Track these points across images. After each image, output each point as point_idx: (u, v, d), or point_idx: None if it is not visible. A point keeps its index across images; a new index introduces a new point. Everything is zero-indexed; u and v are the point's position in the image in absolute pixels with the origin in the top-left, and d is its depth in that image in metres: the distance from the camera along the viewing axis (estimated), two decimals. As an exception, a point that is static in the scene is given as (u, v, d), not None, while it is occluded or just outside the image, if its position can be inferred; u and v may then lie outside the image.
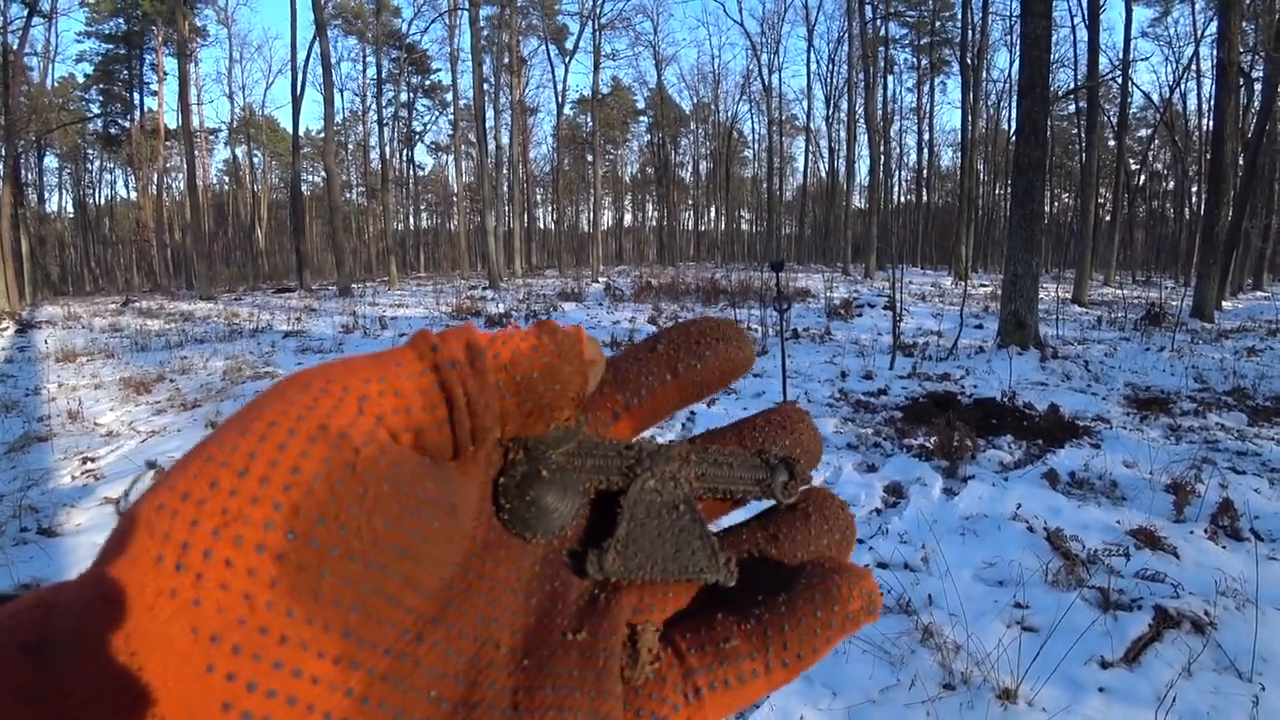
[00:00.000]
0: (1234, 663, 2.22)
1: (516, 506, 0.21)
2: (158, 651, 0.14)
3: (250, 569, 0.15)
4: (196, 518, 0.15)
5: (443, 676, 0.17)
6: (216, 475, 0.15)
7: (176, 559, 0.14)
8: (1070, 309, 13.83)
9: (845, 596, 0.21)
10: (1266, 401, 5.97)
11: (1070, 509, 3.40)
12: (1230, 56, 12.00)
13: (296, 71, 20.29)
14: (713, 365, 0.24)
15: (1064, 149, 34.27)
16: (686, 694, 0.21)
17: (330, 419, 0.16)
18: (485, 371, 0.18)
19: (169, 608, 0.14)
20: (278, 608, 0.15)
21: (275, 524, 0.15)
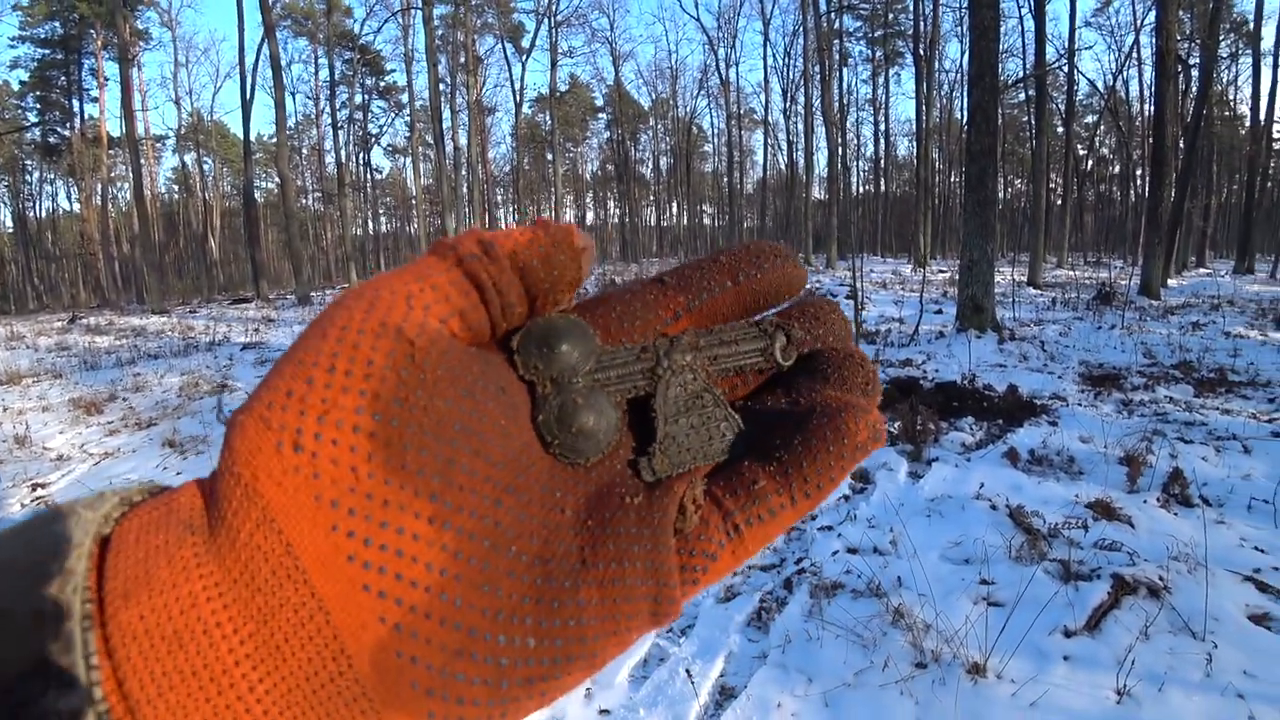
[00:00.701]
0: (1188, 624, 2.31)
1: (564, 439, 0.22)
2: (292, 518, 0.17)
3: (352, 446, 0.18)
4: (303, 409, 0.18)
5: (519, 535, 0.20)
6: (310, 374, 0.18)
7: (294, 442, 0.17)
8: (1026, 291, 14.20)
9: (853, 430, 0.23)
10: (1210, 373, 6.21)
11: (1031, 485, 3.49)
12: (1168, 45, 12.40)
13: (245, 75, 19.75)
14: (772, 277, 0.25)
15: (1015, 136, 35.12)
16: (728, 532, 0.23)
17: (388, 317, 0.19)
18: (499, 259, 0.21)
19: (294, 482, 0.17)
20: (377, 477, 0.18)
21: (364, 409, 0.18)
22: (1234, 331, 8.63)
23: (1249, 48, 26.35)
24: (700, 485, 0.24)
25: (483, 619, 0.18)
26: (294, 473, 0.17)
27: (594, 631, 0.20)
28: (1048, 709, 1.99)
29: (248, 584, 0.17)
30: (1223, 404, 5.21)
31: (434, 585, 0.18)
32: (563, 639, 0.19)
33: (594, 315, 0.25)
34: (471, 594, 0.18)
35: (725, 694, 2.22)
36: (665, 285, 0.25)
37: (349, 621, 0.17)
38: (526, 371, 0.23)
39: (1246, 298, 13.13)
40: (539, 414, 0.23)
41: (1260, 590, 2.56)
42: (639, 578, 0.21)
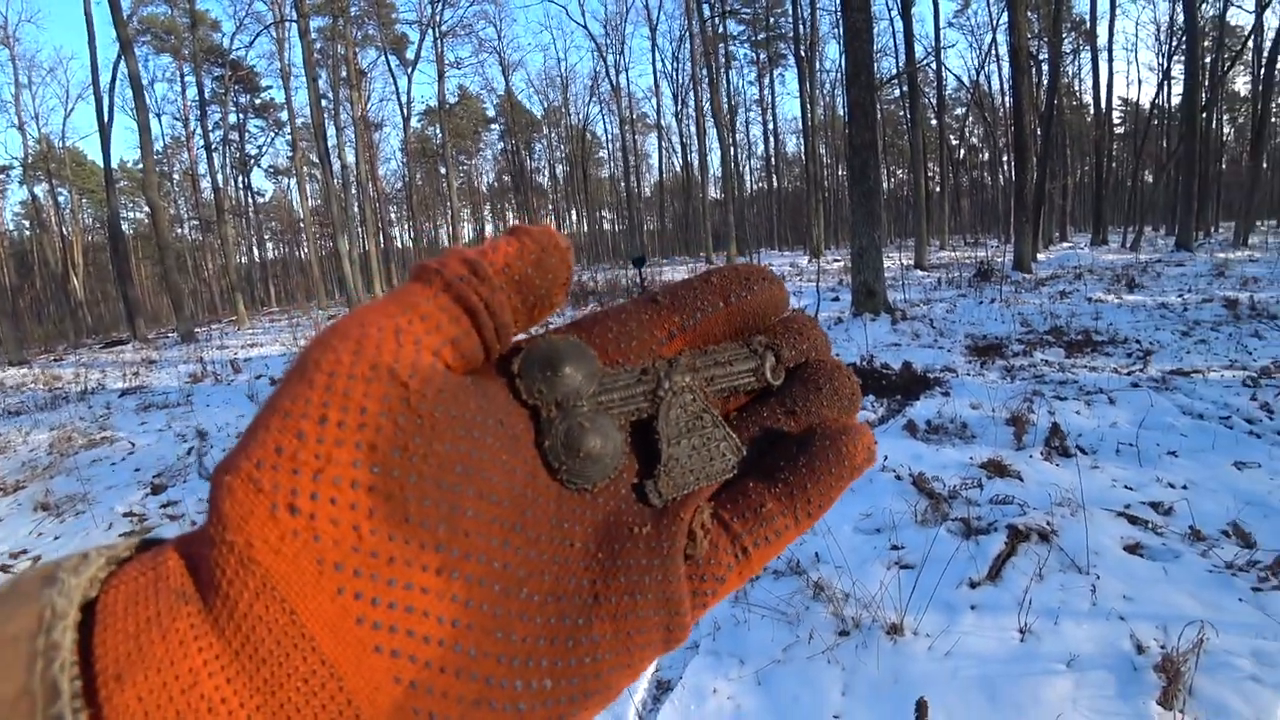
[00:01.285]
0: (1074, 561, 2.52)
1: (571, 464, 0.22)
2: (294, 584, 0.16)
3: (352, 504, 0.17)
4: (295, 467, 0.17)
5: (529, 575, 0.19)
6: (300, 427, 0.17)
7: (289, 504, 0.16)
8: (914, 274, 15.10)
9: (851, 452, 0.25)
10: (1078, 335, 6.81)
11: (930, 453, 3.71)
12: (1019, 43, 13.52)
13: (101, 96, 18.20)
14: (761, 298, 0.26)
15: (894, 129, 37.29)
16: (736, 554, 0.24)
17: (378, 357, 0.18)
18: (489, 278, 0.20)
19: (294, 547, 0.16)
20: (380, 533, 0.17)
21: (361, 462, 0.17)
22: (1095, 297, 9.50)
23: (1088, 44, 29.15)
24: (707, 510, 0.24)
25: (498, 666, 0.18)
26: (292, 537, 0.16)
27: (609, 665, 0.20)
28: (960, 656, 2.11)
29: (251, 655, 0.16)
30: (1089, 362, 5.73)
31: (447, 638, 0.17)
32: (579, 677, 0.19)
33: (590, 335, 0.25)
34: (485, 641, 0.18)
35: (662, 688, 2.23)
36: (659, 305, 0.26)
37: (363, 685, 0.16)
38: (530, 396, 0.22)
39: (1103, 266, 14.49)
40: (544, 439, 0.22)
41: (1131, 523, 2.82)
42: (652, 609, 0.21)
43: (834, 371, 0.27)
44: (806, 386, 0.27)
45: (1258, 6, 19.53)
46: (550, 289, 0.22)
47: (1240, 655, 2.02)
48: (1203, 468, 3.37)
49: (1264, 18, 21.94)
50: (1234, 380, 4.78)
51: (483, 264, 0.21)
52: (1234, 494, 3.05)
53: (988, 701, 1.94)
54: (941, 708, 1.93)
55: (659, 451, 0.24)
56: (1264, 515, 2.82)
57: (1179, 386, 4.73)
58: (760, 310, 0.26)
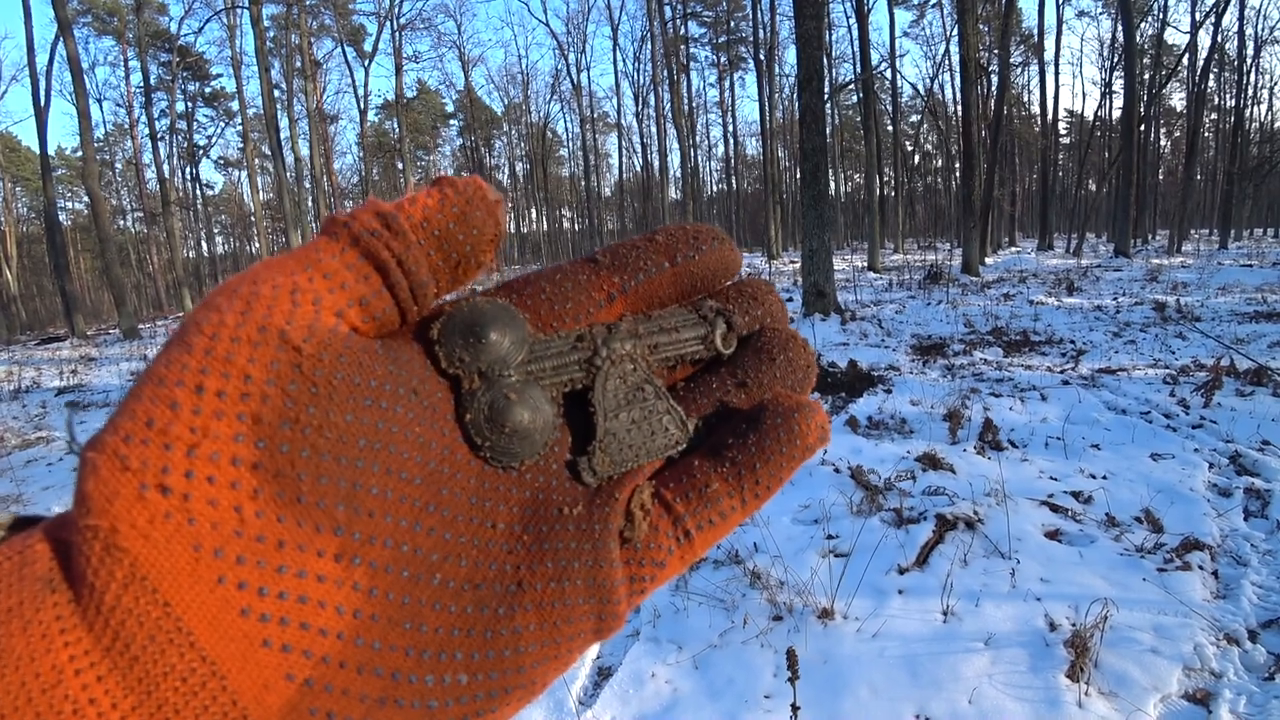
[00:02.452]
0: (997, 547, 2.65)
1: (495, 440, 0.20)
2: (167, 573, 0.15)
3: (232, 482, 0.15)
4: (167, 441, 0.15)
5: (444, 560, 0.18)
6: (174, 396, 0.15)
7: (160, 484, 0.15)
8: (866, 276, 15.46)
9: (804, 431, 0.23)
10: (1016, 336, 7.09)
11: (869, 447, 3.84)
12: (969, 54, 13.96)
13: (37, 78, 17.39)
14: (709, 259, 0.24)
15: (852, 134, 38.07)
16: (678, 538, 0.22)
17: (268, 319, 0.16)
18: (403, 232, 0.18)
19: (165, 532, 0.15)
20: (267, 515, 0.15)
21: (244, 436, 0.15)
22: (1036, 299, 9.89)
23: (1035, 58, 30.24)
24: (648, 489, 0.22)
25: (406, 660, 0.17)
26: (164, 520, 0.15)
27: (533, 659, 0.19)
28: (887, 637, 2.21)
29: (122, 652, 0.14)
30: (1026, 361, 5.97)
31: (347, 630, 0.16)
32: (498, 671, 0.18)
33: (521, 298, 0.23)
34: (392, 634, 0.17)
35: (602, 674, 2.28)
36: (598, 265, 0.24)
37: (250, 684, 0.15)
38: (450, 365, 0.20)
39: (1047, 270, 15.07)
40: (465, 412, 0.20)
41: (1053, 511, 2.98)
42: (580, 596, 0.20)
43: (789, 342, 0.26)
44: (760, 357, 0.25)
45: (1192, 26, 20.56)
46: (477, 246, 0.20)
47: (1142, 630, 2.16)
48: (1122, 459, 3.56)
49: (1197, 37, 23.12)
50: (1156, 378, 5.05)
51: (397, 217, 0.19)
52: (1149, 483, 3.23)
53: (910, 678, 2.04)
54: (867, 685, 2.02)
55: (594, 426, 0.22)
56: (1173, 502, 3.01)
57: (1106, 384, 4.98)
58: (710, 272, 0.25)
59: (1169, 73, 23.72)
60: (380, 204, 0.19)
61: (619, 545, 0.21)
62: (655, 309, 0.24)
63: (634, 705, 2.09)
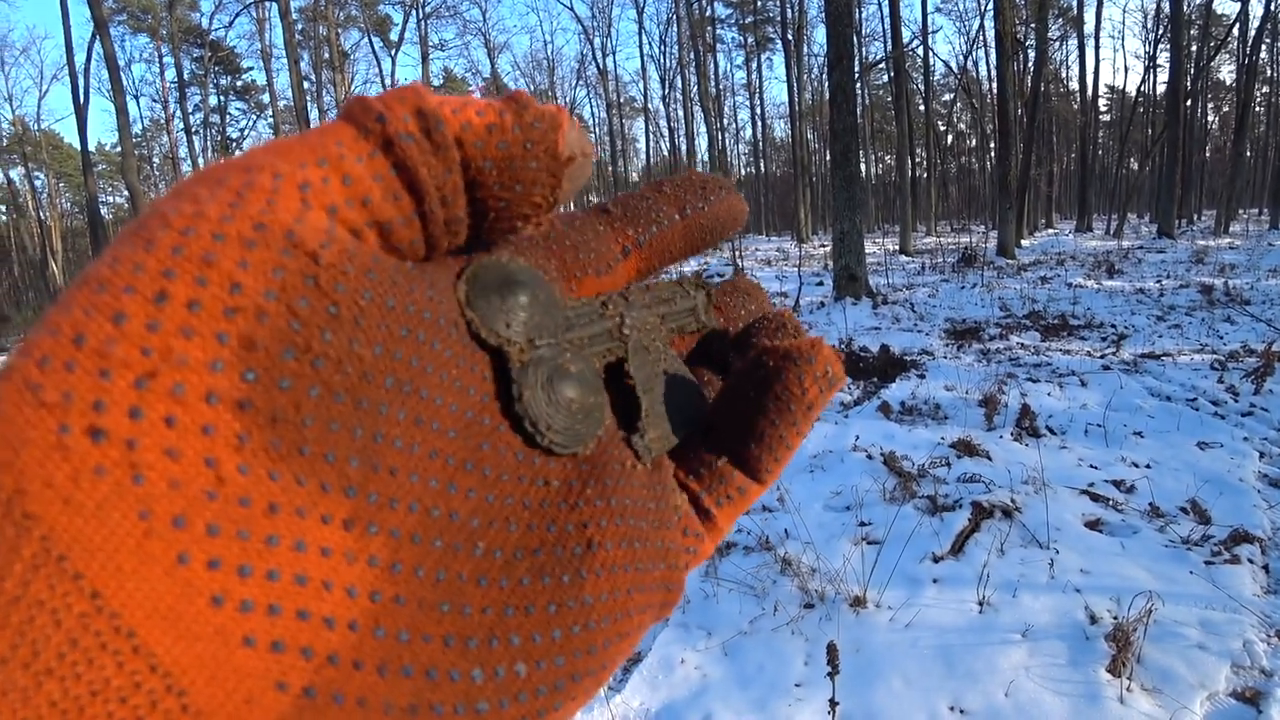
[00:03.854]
0: (1035, 536, 2.59)
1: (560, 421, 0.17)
2: (97, 552, 0.10)
3: (204, 426, 0.11)
4: (104, 367, 0.11)
5: (489, 525, 0.15)
6: (121, 306, 0.11)
7: (90, 425, 0.10)
8: (898, 259, 15.17)
9: (798, 393, 0.20)
10: (1054, 320, 6.91)
11: (902, 434, 3.77)
12: (1005, 28, 13.55)
13: (76, 76, 17.86)
14: (718, 210, 0.23)
15: (882, 115, 37.27)
16: (699, 517, 0.21)
17: (268, 215, 0.12)
18: (448, 148, 0.14)
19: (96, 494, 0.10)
20: (254, 470, 0.11)
21: (224, 363, 0.11)
22: (1075, 282, 9.61)
23: (1074, 31, 29.23)
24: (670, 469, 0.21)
25: (446, 652, 0.13)
26: (93, 476, 0.10)
27: (604, 636, 0.15)
28: (921, 627, 2.17)
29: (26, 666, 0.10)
30: (1064, 346, 5.81)
31: (362, 618, 0.12)
32: (566, 654, 0.15)
33: (547, 243, 0.20)
34: (423, 620, 0.13)
35: (631, 659, 2.28)
36: (612, 216, 0.21)
37: (223, 699, 0.11)
38: (489, 334, 0.17)
39: (1086, 252, 14.64)
40: (521, 391, 0.17)
41: (1094, 500, 2.90)
42: (651, 559, 0.17)
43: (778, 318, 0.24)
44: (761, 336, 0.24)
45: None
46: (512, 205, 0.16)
47: (1188, 625, 2.09)
48: (1167, 447, 3.45)
49: (1249, 6, 22.11)
50: (1203, 364, 4.88)
51: (444, 126, 0.14)
52: (1195, 473, 3.12)
53: (945, 669, 2.00)
54: (900, 675, 1.99)
55: (636, 400, 0.20)
56: (1221, 493, 2.90)
57: (1149, 369, 4.82)
58: (718, 224, 0.23)
59: (1218, 44, 22.75)
60: (425, 95, 0.15)
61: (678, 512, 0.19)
62: (667, 263, 0.23)
63: (663, 691, 2.09)
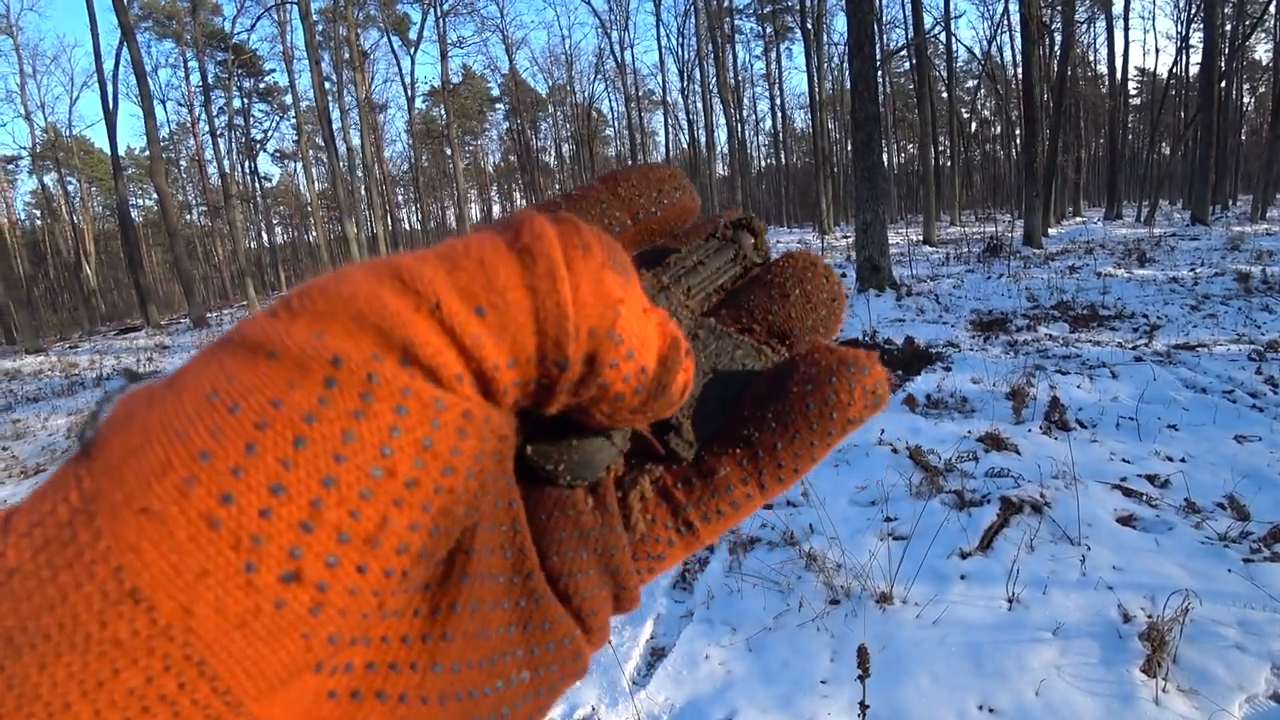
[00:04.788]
0: (1065, 532, 2.54)
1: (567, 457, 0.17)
2: (258, 684, 0.12)
3: (386, 570, 0.12)
4: (306, 520, 0.12)
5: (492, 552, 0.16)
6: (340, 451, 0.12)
7: (284, 570, 0.12)
8: (922, 249, 14.96)
9: (845, 402, 0.18)
10: (1084, 310, 6.76)
11: (928, 427, 3.72)
12: (1031, 12, 13.24)
13: (105, 83, 18.21)
14: (669, 213, 0.21)
15: (904, 103, 36.72)
16: (679, 529, 0.19)
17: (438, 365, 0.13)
18: (611, 395, 0.15)
19: (268, 623, 0.12)
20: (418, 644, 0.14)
21: (421, 525, 0.13)
22: (1104, 272, 9.40)
23: (1102, 13, 28.51)
24: (648, 477, 0.20)
25: (481, 674, 0.15)
26: (273, 609, 0.12)
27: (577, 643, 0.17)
28: (948, 624, 2.15)
29: None
30: (1094, 336, 5.69)
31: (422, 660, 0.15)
32: (557, 661, 0.17)
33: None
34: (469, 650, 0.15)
35: (656, 654, 2.29)
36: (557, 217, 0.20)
37: None
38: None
39: (1115, 241, 14.31)
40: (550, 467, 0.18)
41: (1126, 495, 2.84)
42: (596, 585, 0.18)
43: (806, 269, 0.22)
44: (770, 293, 0.22)
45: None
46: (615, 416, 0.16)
47: (1226, 625, 2.04)
48: (1202, 441, 3.36)
49: (1286, -18, 21.38)
50: (1240, 354, 4.75)
51: (607, 380, 0.15)
52: (1232, 467, 3.04)
53: (973, 667, 1.97)
54: (927, 673, 1.96)
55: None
56: (1260, 488, 2.82)
57: (1184, 360, 4.70)
58: (668, 226, 0.22)
59: (1254, 22, 22.03)
60: (610, 288, 0.14)
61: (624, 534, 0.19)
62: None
63: (688, 686, 2.09)
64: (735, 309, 0.22)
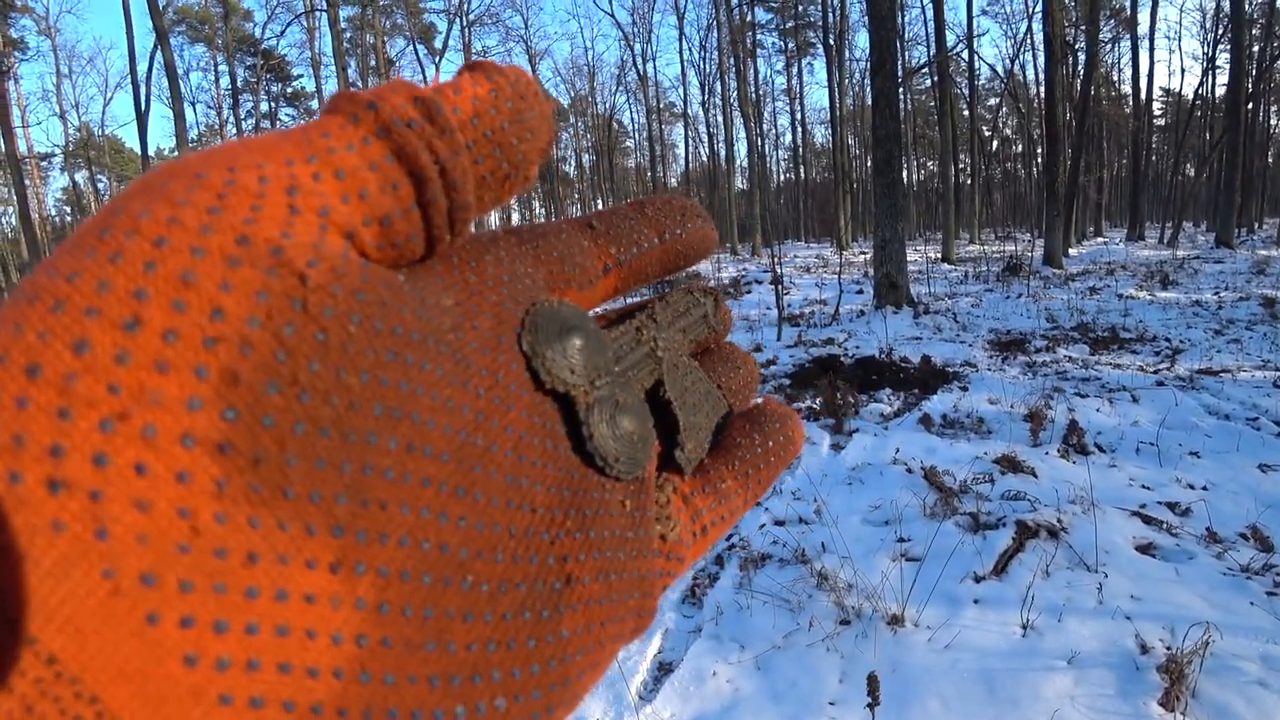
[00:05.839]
0: (1082, 559, 2.49)
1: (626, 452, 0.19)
2: (56, 616, 0.10)
3: (178, 473, 0.10)
4: (64, 405, 0.10)
5: (477, 556, 0.14)
6: (84, 332, 0.10)
7: (46, 475, 0.10)
8: (940, 267, 14.86)
9: (795, 439, 0.25)
10: (1104, 332, 6.67)
11: (943, 447, 3.68)
12: (1054, 30, 13.20)
13: (138, 85, 18.61)
14: (693, 237, 0.24)
15: (925, 120, 36.64)
16: (695, 532, 0.22)
17: (253, 226, 0.11)
18: (450, 129, 0.14)
19: (53, 552, 0.10)
20: (233, 519, 0.11)
21: (203, 400, 0.11)
22: (1126, 293, 9.28)
23: (1127, 33, 28.32)
24: (670, 484, 0.22)
25: (431, 693, 0.13)
26: (51, 533, 0.10)
27: (578, 667, 0.15)
28: (960, 648, 2.11)
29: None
30: (1115, 359, 5.62)
31: (347, 665, 0.12)
32: (543, 688, 0.14)
33: (536, 251, 0.20)
34: (410, 661, 0.12)
35: (663, 669, 2.27)
36: (596, 231, 0.22)
37: None
38: (559, 381, 0.17)
39: (1138, 262, 14.14)
40: (591, 431, 0.18)
41: (1145, 523, 2.78)
42: (627, 590, 0.17)
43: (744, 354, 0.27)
44: (725, 364, 0.26)
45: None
46: (528, 156, 0.17)
47: (1248, 659, 1.99)
48: (1225, 469, 3.30)
49: (1316, 5, 21.13)
50: (1265, 381, 4.66)
51: (442, 107, 0.14)
52: (1256, 497, 2.98)
53: (985, 694, 1.94)
54: (938, 698, 1.93)
55: (674, 417, 0.22)
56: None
57: (1206, 386, 4.63)
58: (692, 250, 0.24)
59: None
60: (416, 87, 0.14)
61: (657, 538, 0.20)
62: (643, 283, 0.24)
63: (694, 703, 2.07)
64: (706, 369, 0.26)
